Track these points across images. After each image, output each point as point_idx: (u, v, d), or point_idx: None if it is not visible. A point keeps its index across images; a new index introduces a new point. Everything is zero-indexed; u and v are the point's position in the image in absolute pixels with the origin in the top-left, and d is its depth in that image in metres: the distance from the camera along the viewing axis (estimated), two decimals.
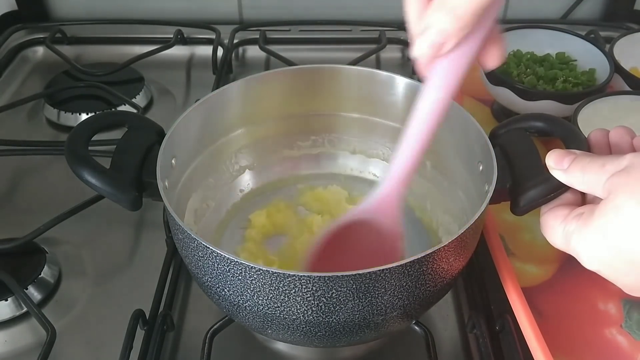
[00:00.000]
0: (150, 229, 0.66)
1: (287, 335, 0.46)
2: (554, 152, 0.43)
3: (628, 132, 0.46)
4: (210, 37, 0.94)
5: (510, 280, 0.53)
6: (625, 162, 0.38)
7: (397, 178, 0.46)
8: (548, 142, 0.68)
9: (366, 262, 0.41)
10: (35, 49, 0.96)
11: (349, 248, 0.50)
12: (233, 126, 0.61)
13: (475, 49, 0.40)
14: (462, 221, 0.56)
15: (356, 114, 0.64)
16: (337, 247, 0.49)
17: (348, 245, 0.50)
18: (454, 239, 0.43)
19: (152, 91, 0.87)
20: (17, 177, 0.73)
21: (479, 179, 0.53)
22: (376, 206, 0.48)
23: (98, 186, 0.47)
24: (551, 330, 0.50)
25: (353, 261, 0.44)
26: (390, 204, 0.47)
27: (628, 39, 0.78)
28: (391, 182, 0.46)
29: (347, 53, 0.90)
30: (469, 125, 0.53)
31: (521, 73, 0.74)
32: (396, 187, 0.46)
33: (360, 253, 0.50)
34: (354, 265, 0.41)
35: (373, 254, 0.49)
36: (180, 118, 0.53)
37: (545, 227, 0.43)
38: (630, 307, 0.53)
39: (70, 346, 0.55)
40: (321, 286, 0.41)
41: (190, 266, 0.47)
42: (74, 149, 0.49)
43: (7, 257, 0.60)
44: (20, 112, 0.83)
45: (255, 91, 0.60)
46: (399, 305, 0.44)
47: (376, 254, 0.49)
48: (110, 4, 1.00)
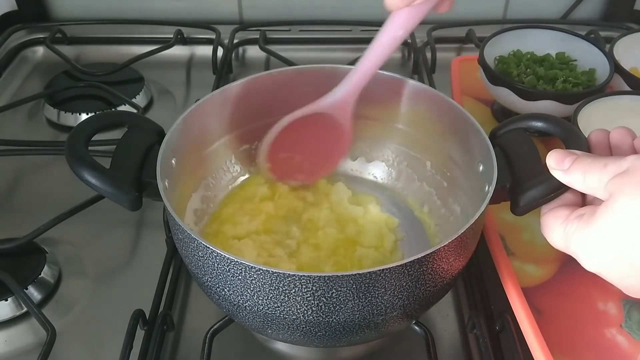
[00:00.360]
0: (150, 229, 0.66)
1: (287, 335, 0.46)
2: (554, 152, 0.43)
3: (629, 133, 0.46)
4: (210, 37, 0.94)
5: (510, 280, 0.53)
6: (627, 164, 0.38)
7: (356, 83, 0.55)
8: (548, 142, 0.68)
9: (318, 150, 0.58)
10: (35, 49, 0.96)
11: (304, 137, 0.58)
12: (233, 126, 0.61)
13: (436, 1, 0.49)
14: (462, 221, 0.56)
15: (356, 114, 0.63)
16: (294, 135, 0.58)
17: (304, 135, 0.58)
18: (454, 239, 0.43)
19: (152, 91, 0.87)
20: (17, 177, 0.73)
21: (479, 179, 0.53)
22: (335, 103, 0.56)
23: (98, 186, 0.47)
24: (551, 330, 0.50)
25: (307, 148, 0.59)
26: (347, 103, 0.56)
27: (628, 39, 0.78)
28: (350, 85, 0.55)
29: (347, 53, 0.90)
30: (469, 125, 0.53)
31: (521, 73, 0.74)
32: (354, 90, 0.55)
33: (314, 142, 0.59)
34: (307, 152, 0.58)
35: (325, 144, 0.59)
36: (180, 118, 0.53)
37: (546, 228, 0.43)
38: (630, 307, 0.53)
39: (70, 346, 0.55)
40: (321, 286, 0.41)
41: (190, 266, 0.47)
42: (74, 149, 0.48)
43: (7, 257, 0.60)
44: (20, 112, 0.83)
45: (255, 91, 0.60)
46: (399, 305, 0.44)
47: (327, 144, 0.60)
48: (110, 4, 1.00)
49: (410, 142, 0.63)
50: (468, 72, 0.83)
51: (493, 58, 0.77)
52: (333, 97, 0.56)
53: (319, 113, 0.57)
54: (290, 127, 0.57)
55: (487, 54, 0.75)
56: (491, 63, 0.75)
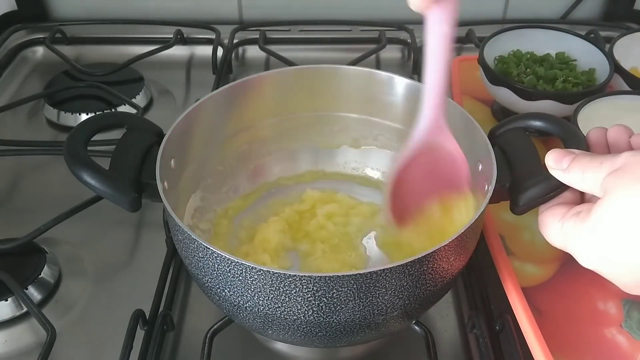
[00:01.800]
0: (150, 229, 0.66)
1: (287, 336, 0.46)
2: (553, 151, 0.43)
3: (625, 131, 0.46)
4: (210, 37, 0.94)
5: (510, 280, 0.53)
6: (621, 160, 0.38)
7: (435, 103, 0.48)
8: (547, 142, 0.68)
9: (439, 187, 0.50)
10: (35, 49, 0.96)
11: (420, 180, 0.51)
12: (232, 126, 0.61)
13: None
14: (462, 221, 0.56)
15: (356, 114, 0.64)
16: (409, 183, 0.51)
17: (419, 178, 0.51)
18: (453, 239, 0.43)
19: (152, 91, 0.87)
20: (17, 177, 0.73)
21: (478, 178, 0.53)
22: (429, 133, 0.49)
23: (97, 187, 0.47)
24: (551, 330, 0.50)
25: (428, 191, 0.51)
26: (440, 128, 0.49)
27: (628, 38, 0.78)
28: (432, 109, 0.48)
29: (347, 53, 0.90)
30: (468, 124, 0.53)
31: (521, 73, 0.74)
32: (438, 111, 0.48)
33: (433, 181, 0.51)
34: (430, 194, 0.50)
35: (444, 179, 0.51)
36: (180, 119, 0.53)
37: (543, 225, 0.43)
38: (630, 307, 0.53)
39: (70, 346, 0.55)
40: (322, 286, 0.41)
41: (190, 267, 0.47)
42: (73, 151, 0.48)
43: (7, 257, 0.60)
44: (20, 112, 0.83)
45: (254, 91, 0.60)
46: (399, 305, 0.44)
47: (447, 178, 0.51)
48: (110, 4, 1.00)
49: None
50: (468, 72, 0.83)
51: (493, 58, 0.77)
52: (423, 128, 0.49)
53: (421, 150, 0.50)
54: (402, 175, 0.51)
55: (487, 54, 0.75)
56: (491, 63, 0.75)
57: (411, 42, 0.93)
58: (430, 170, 0.51)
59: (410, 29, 0.94)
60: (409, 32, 0.94)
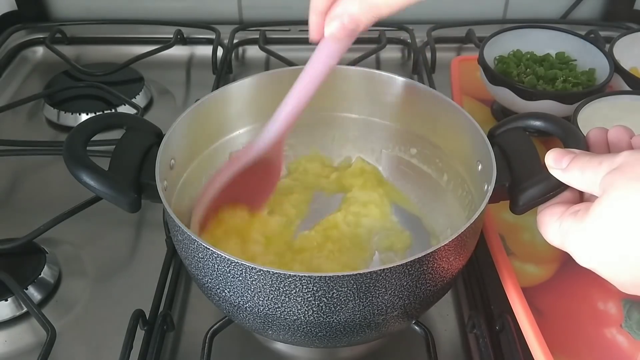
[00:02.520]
0: (150, 229, 0.66)
1: (287, 336, 0.46)
2: (553, 151, 0.43)
3: (626, 131, 0.46)
4: (210, 37, 0.94)
5: (510, 280, 0.53)
6: (620, 160, 0.38)
7: (285, 123, 0.52)
8: (547, 142, 0.68)
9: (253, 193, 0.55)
10: (35, 49, 0.96)
11: (237, 188, 0.54)
12: (232, 127, 0.61)
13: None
14: (462, 221, 0.56)
15: (356, 114, 0.64)
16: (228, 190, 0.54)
17: (237, 186, 0.54)
18: (453, 239, 0.43)
19: (152, 91, 0.87)
20: (17, 177, 0.73)
21: (478, 178, 0.53)
22: (267, 147, 0.53)
23: (97, 188, 0.47)
24: (551, 330, 0.50)
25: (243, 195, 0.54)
26: (279, 144, 0.53)
27: (628, 38, 0.78)
28: (280, 127, 0.52)
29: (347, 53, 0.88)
30: (467, 124, 0.53)
31: (521, 73, 0.74)
32: (284, 131, 0.52)
33: (248, 187, 0.55)
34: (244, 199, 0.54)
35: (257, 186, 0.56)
36: (179, 119, 0.53)
37: (542, 224, 0.44)
38: (630, 307, 0.53)
39: (70, 346, 0.55)
40: (322, 286, 0.41)
41: (190, 268, 0.47)
42: (72, 152, 0.48)
43: (7, 257, 0.60)
44: (20, 112, 0.83)
45: (254, 91, 0.60)
46: (399, 305, 0.44)
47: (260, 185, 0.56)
48: (110, 4, 1.00)
49: (408, 142, 0.63)
50: (468, 72, 0.83)
51: (493, 58, 0.77)
52: (265, 141, 0.53)
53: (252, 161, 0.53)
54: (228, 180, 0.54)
55: (487, 54, 0.75)
56: (491, 63, 0.75)
57: (411, 42, 0.93)
58: (248, 178, 0.54)
59: (410, 29, 0.94)
60: (409, 32, 0.94)
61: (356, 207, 0.61)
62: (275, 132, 0.52)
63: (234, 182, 0.53)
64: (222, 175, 0.53)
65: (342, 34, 0.44)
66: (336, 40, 0.45)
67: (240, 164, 0.53)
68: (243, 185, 0.54)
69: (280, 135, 0.52)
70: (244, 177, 0.53)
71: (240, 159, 0.53)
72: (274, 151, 0.54)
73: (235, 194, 0.54)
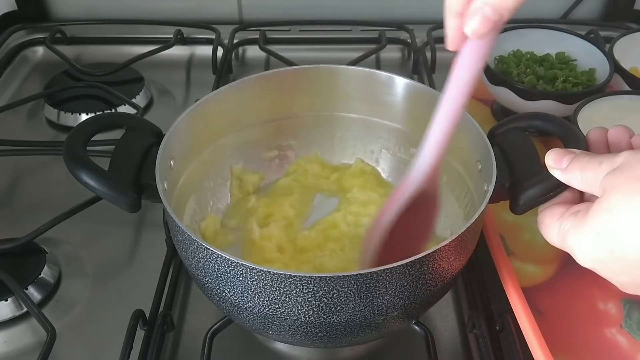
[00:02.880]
0: (150, 229, 0.66)
1: (288, 336, 0.46)
2: (553, 151, 0.43)
3: (626, 131, 0.46)
4: (210, 37, 0.94)
5: (510, 280, 0.53)
6: (620, 160, 0.38)
7: (438, 149, 0.45)
8: (547, 142, 0.68)
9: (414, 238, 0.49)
10: (35, 49, 0.96)
11: (400, 227, 0.49)
12: (232, 127, 0.61)
13: None
14: (462, 221, 0.56)
15: (356, 114, 0.64)
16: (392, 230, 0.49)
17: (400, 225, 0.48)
18: (454, 239, 0.43)
19: (152, 91, 0.87)
20: (17, 177, 0.73)
21: (478, 178, 0.53)
22: (426, 175, 0.47)
23: (97, 188, 0.47)
24: (551, 330, 0.50)
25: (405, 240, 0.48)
26: (436, 171, 0.47)
27: (628, 38, 0.78)
28: (436, 150, 0.45)
29: (347, 53, 0.90)
30: (467, 124, 0.53)
31: (521, 73, 0.74)
32: (440, 155, 0.46)
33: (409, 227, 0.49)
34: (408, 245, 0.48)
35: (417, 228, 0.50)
36: (179, 119, 0.53)
37: (542, 225, 0.44)
38: (630, 307, 0.53)
39: (70, 346, 0.55)
40: (322, 286, 0.41)
41: (190, 268, 0.47)
42: (72, 152, 0.48)
43: (7, 257, 0.60)
44: (20, 112, 0.83)
45: (254, 91, 0.60)
46: (399, 305, 0.44)
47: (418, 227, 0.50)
48: (110, 4, 1.00)
49: (408, 142, 0.63)
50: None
51: (493, 58, 0.77)
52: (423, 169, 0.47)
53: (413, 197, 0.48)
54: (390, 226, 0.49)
55: None
56: (491, 63, 0.75)
57: (411, 42, 0.93)
58: (408, 216, 0.48)
59: (410, 29, 0.94)
60: (409, 32, 0.94)
61: (356, 207, 0.61)
62: (432, 157, 0.46)
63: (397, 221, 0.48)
64: (386, 216, 0.48)
65: (486, 28, 0.37)
66: (480, 37, 0.39)
67: (402, 197, 0.48)
68: (405, 224, 0.48)
69: (437, 160, 0.46)
70: (404, 215, 0.48)
71: (401, 192, 0.48)
72: (431, 181, 0.47)
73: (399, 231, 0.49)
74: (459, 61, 0.41)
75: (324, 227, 0.60)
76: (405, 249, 0.46)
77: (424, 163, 0.46)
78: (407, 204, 0.48)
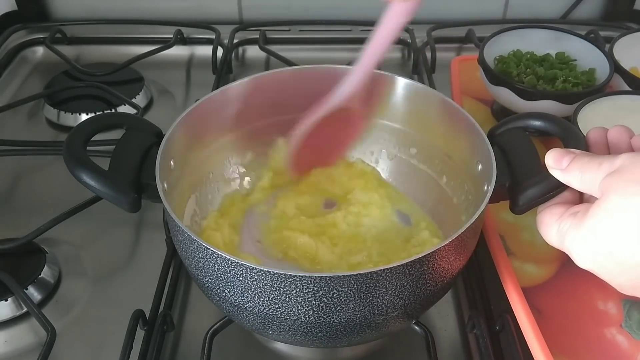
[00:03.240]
0: (150, 229, 0.66)
1: (288, 336, 0.46)
2: (553, 151, 0.43)
3: (626, 131, 0.46)
4: (210, 37, 0.94)
5: (510, 280, 0.53)
6: (619, 162, 0.38)
7: (363, 73, 0.55)
8: (547, 142, 0.68)
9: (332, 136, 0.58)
10: (35, 49, 0.96)
11: (322, 136, 0.58)
12: (232, 127, 0.61)
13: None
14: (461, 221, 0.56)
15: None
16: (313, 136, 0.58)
17: (321, 132, 0.58)
18: (454, 238, 0.43)
19: (152, 91, 0.87)
20: (17, 177, 0.73)
21: (477, 178, 0.53)
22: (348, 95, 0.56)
23: (97, 189, 0.47)
24: (551, 330, 0.50)
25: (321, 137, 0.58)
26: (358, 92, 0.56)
27: (628, 39, 0.78)
28: (359, 76, 0.55)
29: (347, 53, 0.90)
30: (467, 124, 0.53)
31: (521, 73, 0.74)
32: (362, 79, 0.55)
33: (328, 130, 0.58)
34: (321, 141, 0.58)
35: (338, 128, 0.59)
36: (179, 119, 0.53)
37: (541, 225, 0.44)
38: (630, 307, 0.53)
39: (70, 346, 0.55)
40: (322, 286, 0.41)
41: (190, 268, 0.47)
42: (72, 152, 0.48)
43: (7, 257, 0.60)
44: (20, 112, 0.83)
45: (255, 91, 0.60)
46: (400, 305, 0.44)
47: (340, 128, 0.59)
48: (110, 4, 1.00)
49: (408, 142, 0.63)
50: (468, 72, 0.83)
51: (493, 58, 0.77)
52: (347, 89, 0.56)
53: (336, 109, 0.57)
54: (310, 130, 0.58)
55: (487, 54, 0.75)
56: (491, 63, 0.75)
57: (411, 42, 0.93)
58: (331, 128, 0.57)
59: (411, 29, 0.94)
60: (409, 32, 0.94)
61: (356, 207, 0.61)
62: (354, 81, 0.55)
63: (317, 128, 0.57)
64: (308, 122, 0.57)
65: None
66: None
67: (323, 111, 0.56)
68: (327, 131, 0.58)
69: (358, 84, 0.55)
70: (326, 124, 0.57)
71: (322, 107, 0.57)
72: (353, 101, 0.56)
73: (320, 138, 0.58)
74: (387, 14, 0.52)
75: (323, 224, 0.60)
76: (320, 158, 0.62)
77: (347, 86, 0.56)
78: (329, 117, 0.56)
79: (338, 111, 0.57)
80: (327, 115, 0.57)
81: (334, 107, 0.56)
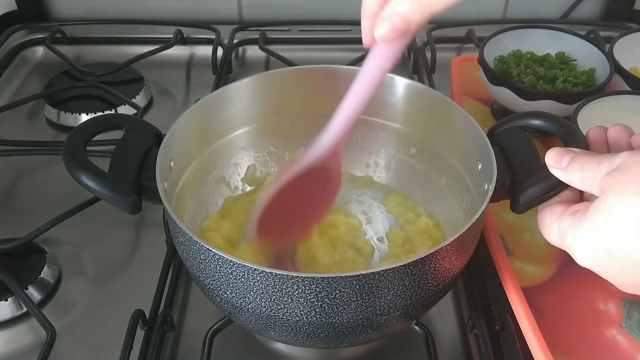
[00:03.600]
0: (150, 229, 0.66)
1: (289, 337, 0.46)
2: (553, 150, 0.43)
3: (626, 130, 0.46)
4: (210, 37, 0.94)
5: (510, 280, 0.53)
6: (619, 160, 0.38)
7: (343, 128, 0.48)
8: (547, 142, 0.68)
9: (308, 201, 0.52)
10: (35, 49, 0.96)
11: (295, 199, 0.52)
12: (232, 127, 0.61)
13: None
14: (461, 220, 0.56)
15: None
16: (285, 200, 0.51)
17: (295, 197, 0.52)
18: (455, 238, 0.43)
19: (152, 91, 0.87)
20: (17, 177, 0.73)
21: (478, 178, 0.53)
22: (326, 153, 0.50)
23: (97, 190, 0.47)
24: (551, 330, 0.50)
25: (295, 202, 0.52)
26: (336, 153, 0.50)
27: (628, 38, 0.78)
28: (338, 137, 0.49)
29: (347, 53, 0.90)
30: (467, 124, 0.54)
31: (521, 73, 0.74)
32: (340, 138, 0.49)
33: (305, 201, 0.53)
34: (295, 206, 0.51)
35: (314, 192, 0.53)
36: (179, 120, 0.53)
37: (542, 224, 0.44)
38: (630, 307, 0.53)
39: (70, 346, 0.55)
40: (324, 287, 0.41)
41: (191, 269, 0.47)
42: (72, 153, 0.48)
43: (7, 257, 0.60)
44: (20, 112, 0.83)
45: (254, 92, 0.60)
46: (401, 305, 0.44)
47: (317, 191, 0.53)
48: (110, 4, 1.00)
49: (408, 142, 0.63)
50: (468, 72, 0.83)
51: (493, 58, 0.77)
52: (323, 147, 0.50)
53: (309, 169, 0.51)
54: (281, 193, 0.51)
55: (487, 54, 0.75)
56: (491, 63, 0.75)
57: (411, 42, 0.93)
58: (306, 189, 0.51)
59: None
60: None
61: (356, 207, 0.61)
62: (332, 139, 0.49)
63: (290, 191, 0.51)
64: (279, 182, 0.51)
65: (393, 35, 0.40)
66: (388, 43, 0.41)
67: (296, 170, 0.50)
68: (301, 196, 0.52)
69: (337, 141, 0.49)
70: (301, 187, 0.51)
71: (296, 165, 0.51)
72: (331, 161, 0.51)
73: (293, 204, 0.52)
74: (368, 58, 0.44)
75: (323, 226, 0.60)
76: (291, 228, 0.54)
77: (324, 142, 0.49)
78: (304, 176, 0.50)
79: (313, 171, 0.51)
80: (301, 176, 0.51)
81: (309, 165, 0.50)
